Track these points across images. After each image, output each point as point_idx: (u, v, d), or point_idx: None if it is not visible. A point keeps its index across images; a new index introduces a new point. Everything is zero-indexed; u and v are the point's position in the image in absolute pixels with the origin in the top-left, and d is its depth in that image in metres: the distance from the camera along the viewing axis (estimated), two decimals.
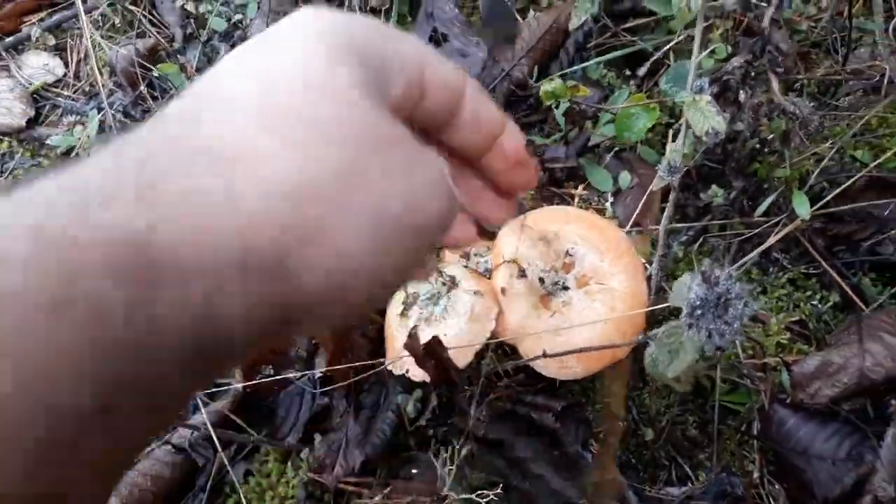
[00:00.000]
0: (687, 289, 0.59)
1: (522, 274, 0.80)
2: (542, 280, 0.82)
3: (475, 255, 0.91)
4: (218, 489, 0.87)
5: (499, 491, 0.80)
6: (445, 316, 0.82)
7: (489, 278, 0.85)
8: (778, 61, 0.88)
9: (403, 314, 0.85)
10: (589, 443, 0.87)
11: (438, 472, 0.82)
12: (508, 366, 0.86)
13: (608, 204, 1.03)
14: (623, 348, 0.80)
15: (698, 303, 0.58)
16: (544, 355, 0.75)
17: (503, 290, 0.80)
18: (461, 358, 0.79)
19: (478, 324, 0.80)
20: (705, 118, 0.80)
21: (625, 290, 0.82)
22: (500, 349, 0.87)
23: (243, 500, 0.83)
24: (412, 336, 0.80)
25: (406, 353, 0.79)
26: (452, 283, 0.85)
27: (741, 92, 0.93)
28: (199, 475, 0.87)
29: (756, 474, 0.87)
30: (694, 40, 0.83)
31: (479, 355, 0.81)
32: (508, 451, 0.84)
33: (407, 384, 0.86)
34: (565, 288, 0.83)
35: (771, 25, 0.89)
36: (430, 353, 0.78)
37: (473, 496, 0.81)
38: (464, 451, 0.82)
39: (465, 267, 0.88)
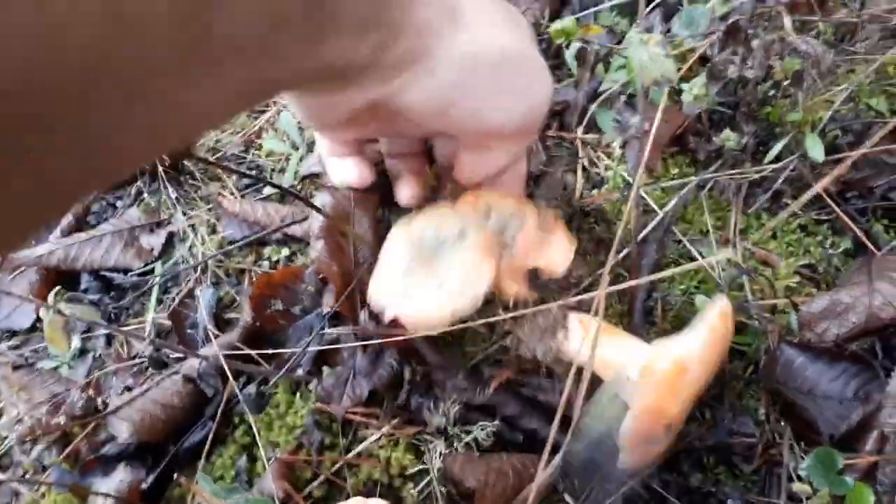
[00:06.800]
0: None
1: None
2: None
3: (496, 212, 0.88)
4: (227, 419, 0.89)
5: (497, 422, 0.81)
6: (441, 267, 0.80)
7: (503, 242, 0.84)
8: None
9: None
10: None
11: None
12: None
13: (617, 149, 1.03)
14: None
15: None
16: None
17: None
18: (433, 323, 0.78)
19: (467, 289, 0.78)
20: (653, 63, 0.73)
21: None
22: None
23: (255, 427, 0.84)
24: (371, 314, 0.81)
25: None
26: (462, 236, 0.83)
27: (751, 31, 0.93)
28: (207, 405, 0.88)
29: (762, 412, 0.87)
30: None
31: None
32: (498, 411, 0.84)
33: None
34: None
35: None
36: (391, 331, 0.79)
37: (475, 428, 0.82)
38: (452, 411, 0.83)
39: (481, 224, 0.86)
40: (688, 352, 0.70)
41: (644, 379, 0.69)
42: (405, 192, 0.88)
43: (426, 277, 0.81)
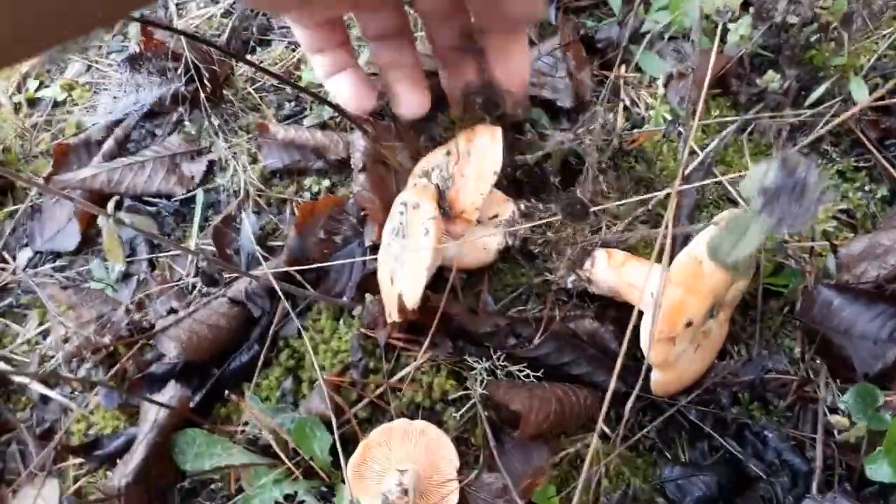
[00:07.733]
0: (763, 175, 0.57)
1: None
2: None
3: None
4: (271, 343, 0.90)
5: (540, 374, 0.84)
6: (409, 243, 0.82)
7: None
8: None
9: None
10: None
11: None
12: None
13: (660, 88, 1.03)
14: None
15: (774, 188, 0.56)
16: None
17: None
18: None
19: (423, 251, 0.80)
20: None
21: None
22: None
23: (308, 343, 0.85)
24: (373, 303, 0.84)
25: None
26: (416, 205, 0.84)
27: None
28: (253, 328, 0.90)
29: (797, 350, 0.88)
30: None
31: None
32: (546, 360, 0.86)
33: None
34: None
35: None
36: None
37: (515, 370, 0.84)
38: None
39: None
40: (701, 248, 0.73)
41: (667, 280, 0.72)
42: (404, 100, 0.80)
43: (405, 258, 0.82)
